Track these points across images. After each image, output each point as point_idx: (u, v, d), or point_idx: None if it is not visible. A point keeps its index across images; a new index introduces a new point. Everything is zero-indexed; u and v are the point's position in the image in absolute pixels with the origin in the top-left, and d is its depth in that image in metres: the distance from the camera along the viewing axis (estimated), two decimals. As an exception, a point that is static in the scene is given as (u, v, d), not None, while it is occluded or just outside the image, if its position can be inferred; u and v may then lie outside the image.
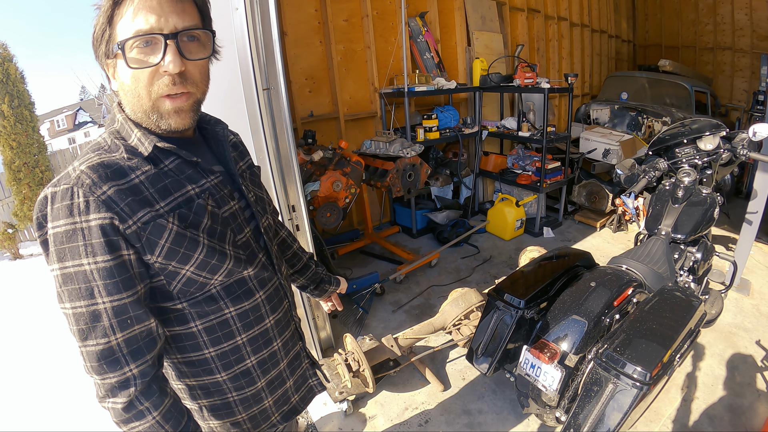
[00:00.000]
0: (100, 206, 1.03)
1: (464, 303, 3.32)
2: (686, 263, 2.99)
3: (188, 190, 1.18)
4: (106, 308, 1.06)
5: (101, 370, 1.08)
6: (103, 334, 1.07)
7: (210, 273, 1.22)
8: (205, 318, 1.26)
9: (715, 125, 3.05)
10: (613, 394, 1.85)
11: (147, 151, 1.12)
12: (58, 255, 1.04)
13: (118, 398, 1.09)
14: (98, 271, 1.05)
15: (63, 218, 1.02)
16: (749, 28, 9.57)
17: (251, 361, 1.38)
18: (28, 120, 8.68)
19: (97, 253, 1.04)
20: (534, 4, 8.00)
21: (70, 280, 1.05)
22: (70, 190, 1.03)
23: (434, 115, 5.67)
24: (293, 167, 2.97)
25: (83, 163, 1.07)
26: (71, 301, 1.06)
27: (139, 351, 1.11)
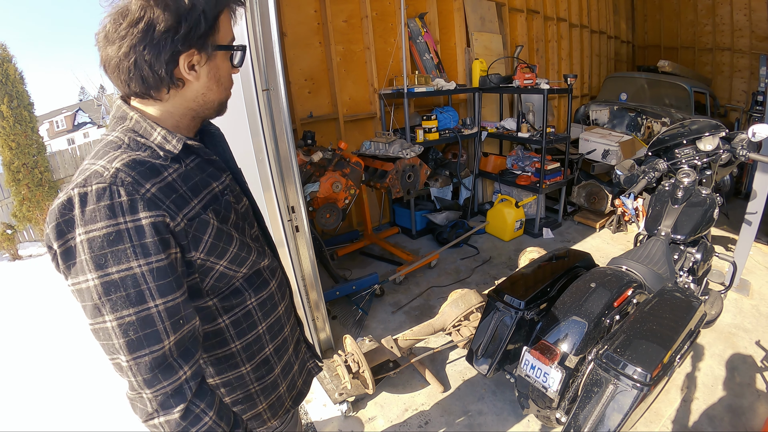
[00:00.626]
0: (147, 204, 1.00)
1: (464, 304, 3.32)
2: (686, 264, 2.99)
3: (214, 187, 1.21)
4: (159, 311, 1.02)
5: (155, 380, 1.02)
6: (157, 340, 1.02)
7: (238, 266, 1.26)
8: (231, 312, 1.28)
9: (715, 126, 3.05)
10: (613, 395, 1.85)
11: (176, 149, 1.12)
12: (95, 262, 0.96)
13: (172, 409, 1.05)
14: (151, 272, 1.00)
15: (102, 220, 0.96)
16: (748, 28, 9.57)
17: (269, 349, 1.42)
18: (27, 121, 8.68)
19: (151, 252, 1.00)
20: (533, 5, 8.00)
21: (114, 287, 0.98)
22: (108, 189, 0.97)
23: (434, 116, 5.68)
24: (293, 168, 2.96)
25: (114, 161, 1.01)
26: (116, 311, 0.99)
27: (188, 352, 1.09)
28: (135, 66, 1.04)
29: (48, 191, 8.95)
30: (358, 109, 5.89)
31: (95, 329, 1.01)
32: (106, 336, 1.00)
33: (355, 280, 4.32)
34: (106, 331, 1.00)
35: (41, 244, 9.04)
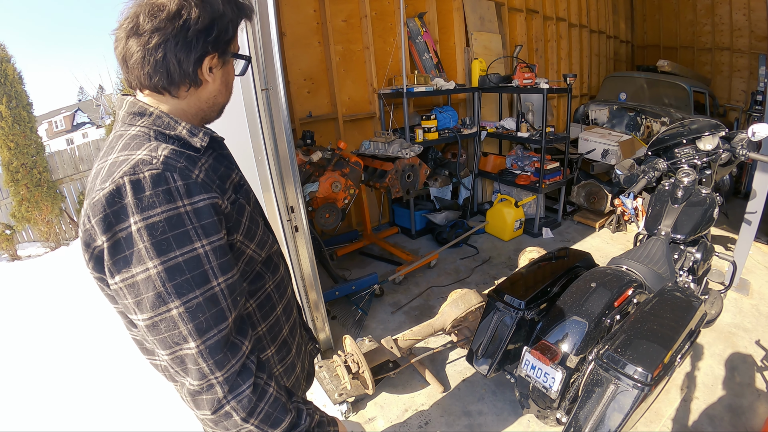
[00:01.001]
0: (201, 188, 1.03)
1: (464, 304, 3.31)
2: (686, 263, 2.99)
3: (233, 177, 1.26)
4: (222, 289, 1.05)
5: (225, 360, 1.04)
6: (223, 318, 1.04)
7: (260, 248, 1.29)
8: (255, 295, 1.31)
9: (715, 125, 3.05)
10: (614, 395, 1.85)
11: (204, 141, 1.16)
12: (157, 248, 0.96)
13: (243, 386, 1.06)
14: (213, 251, 1.03)
15: (162, 205, 0.97)
16: (747, 28, 9.57)
17: (286, 330, 1.46)
18: (26, 121, 8.65)
19: (211, 233, 1.03)
20: (532, 4, 8.00)
21: (179, 271, 0.98)
22: (163, 175, 0.98)
23: (433, 115, 5.67)
24: (292, 168, 2.96)
25: (158, 149, 1.02)
26: (182, 296, 0.99)
27: (243, 327, 1.12)
28: (163, 60, 1.07)
29: (47, 191, 8.92)
30: (358, 108, 5.88)
31: (155, 322, 1.00)
32: (170, 326, 1.00)
33: (355, 281, 4.31)
34: (171, 320, 0.99)
35: (40, 244, 9.03)
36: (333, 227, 4.23)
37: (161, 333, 1.00)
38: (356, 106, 5.86)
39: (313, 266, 3.32)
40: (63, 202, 9.10)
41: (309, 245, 3.22)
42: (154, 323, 1.00)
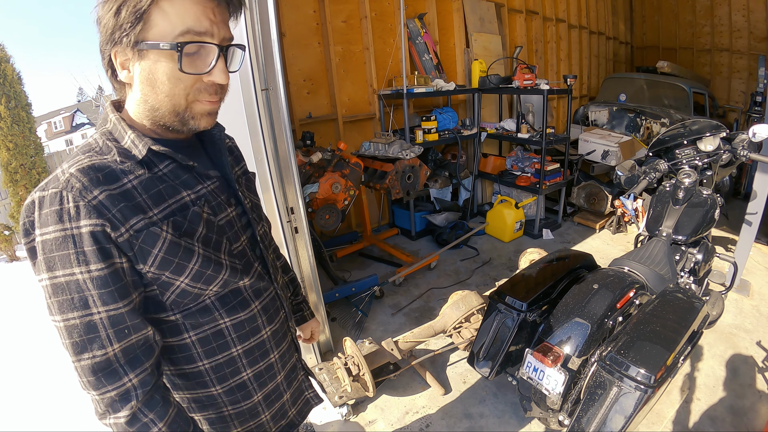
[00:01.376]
0: (91, 212, 0.97)
1: (465, 306, 3.30)
2: (687, 264, 2.98)
3: (183, 196, 1.13)
4: (101, 318, 1.01)
5: (99, 384, 1.03)
6: (100, 345, 1.01)
7: (205, 284, 1.17)
8: (198, 329, 1.21)
9: (715, 126, 3.05)
10: (617, 397, 1.84)
11: (141, 154, 1.06)
12: (47, 264, 0.98)
13: (120, 413, 1.04)
14: (92, 280, 0.99)
15: (52, 224, 0.96)
16: (746, 29, 9.58)
17: (247, 374, 1.33)
18: (25, 121, 8.66)
19: (90, 261, 0.98)
20: (532, 5, 8.00)
21: (61, 290, 0.99)
22: (59, 194, 0.97)
23: (433, 116, 5.68)
24: (292, 169, 2.95)
25: (72, 166, 1.00)
26: (62, 312, 1.00)
27: (137, 359, 1.06)
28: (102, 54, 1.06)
29: (45, 192, 8.93)
30: (357, 109, 5.88)
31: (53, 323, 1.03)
32: (58, 334, 1.03)
33: (355, 282, 4.30)
34: (59, 330, 1.03)
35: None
36: (333, 228, 4.22)
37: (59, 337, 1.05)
38: (356, 106, 5.85)
39: (313, 268, 3.31)
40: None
41: (309, 246, 3.21)
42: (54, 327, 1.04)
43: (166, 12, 0.97)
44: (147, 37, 0.98)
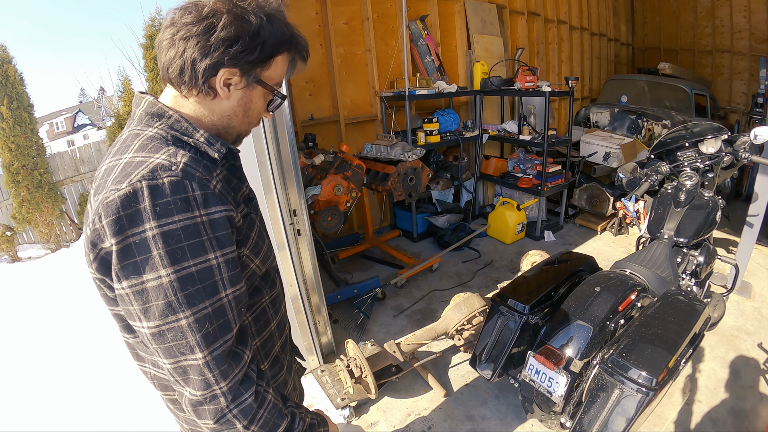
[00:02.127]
0: (218, 199, 1.03)
1: (467, 308, 3.31)
2: (689, 267, 2.98)
3: (244, 190, 1.25)
4: (229, 300, 1.05)
5: (229, 370, 1.04)
6: (228, 329, 1.05)
7: (262, 263, 1.29)
8: (251, 309, 1.29)
9: (717, 128, 3.05)
10: (618, 400, 1.84)
11: (222, 151, 1.14)
12: (172, 256, 0.95)
13: (245, 395, 1.07)
14: (226, 263, 1.03)
15: (179, 213, 0.96)
16: (747, 30, 9.59)
17: (278, 346, 1.45)
18: (27, 122, 8.65)
19: (225, 244, 1.03)
20: (534, 7, 8.01)
21: (191, 281, 0.98)
22: (182, 182, 0.97)
23: (435, 118, 5.67)
24: (294, 171, 2.96)
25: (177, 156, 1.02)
26: (192, 306, 0.98)
27: (244, 337, 1.12)
28: (182, 54, 1.06)
29: (47, 193, 8.92)
30: (359, 111, 5.88)
31: (161, 331, 0.98)
32: (178, 335, 0.99)
33: (357, 284, 4.31)
34: (180, 330, 0.98)
35: (40, 246, 9.03)
36: (335, 230, 4.23)
37: (167, 342, 0.99)
38: (358, 108, 5.86)
39: (315, 269, 3.31)
40: (63, 203, 9.09)
41: (311, 249, 3.22)
42: (161, 332, 0.98)
43: (278, 63, 1.17)
44: (263, 76, 1.15)
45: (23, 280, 7.25)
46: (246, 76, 1.11)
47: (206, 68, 1.06)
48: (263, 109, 1.23)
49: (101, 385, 3.71)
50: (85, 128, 36.50)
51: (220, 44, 1.04)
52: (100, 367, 3.98)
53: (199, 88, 1.09)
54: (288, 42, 1.14)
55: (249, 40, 1.06)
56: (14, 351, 4.61)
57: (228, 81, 1.10)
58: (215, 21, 1.04)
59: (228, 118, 1.17)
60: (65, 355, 4.31)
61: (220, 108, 1.15)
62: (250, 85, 1.14)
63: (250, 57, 1.08)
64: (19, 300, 6.21)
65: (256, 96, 1.17)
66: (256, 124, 1.27)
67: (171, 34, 1.06)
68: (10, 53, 8.54)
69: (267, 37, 1.08)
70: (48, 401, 3.64)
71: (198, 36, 1.04)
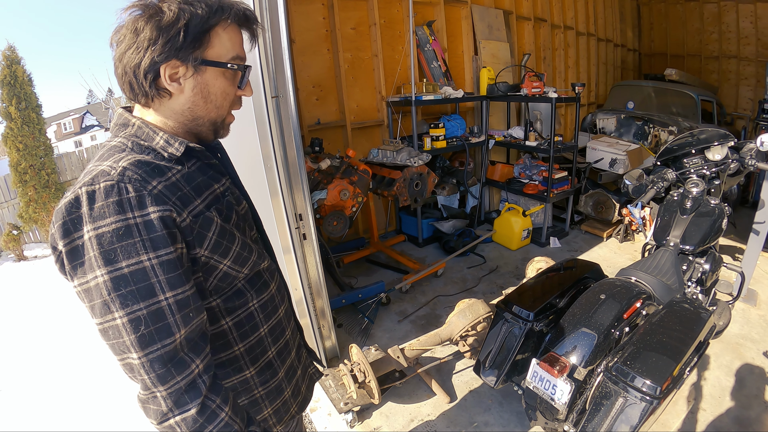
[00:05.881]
0: (155, 200, 1.02)
1: (471, 314, 3.31)
2: (694, 274, 2.97)
3: (215, 188, 1.23)
4: (169, 304, 1.03)
5: (168, 376, 1.03)
6: (168, 333, 1.03)
7: (240, 266, 1.26)
8: (233, 313, 1.29)
9: (723, 135, 3.05)
10: (622, 408, 1.84)
11: (179, 151, 1.15)
12: (105, 257, 0.97)
13: (189, 405, 1.05)
14: (161, 265, 1.02)
15: (111, 216, 0.97)
16: (754, 36, 9.56)
17: (272, 352, 1.42)
18: (35, 122, 8.73)
19: (159, 246, 1.02)
20: (540, 13, 8.00)
21: (124, 282, 0.98)
22: (116, 186, 0.99)
23: (441, 123, 5.68)
24: (301, 175, 2.97)
25: (120, 161, 1.04)
26: (126, 306, 0.99)
27: (198, 345, 1.10)
28: (125, 71, 1.10)
29: (54, 193, 8.99)
30: (366, 116, 5.90)
31: (104, 328, 1.01)
32: (116, 334, 1.01)
33: (361, 289, 4.31)
34: (116, 329, 1.00)
35: (46, 245, 9.08)
36: (340, 235, 4.23)
37: (110, 339, 1.02)
38: (364, 113, 5.88)
39: (320, 274, 3.32)
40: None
41: (317, 253, 3.23)
42: (104, 329, 1.02)
43: (221, 37, 1.14)
44: (207, 56, 1.13)
45: (29, 278, 7.30)
46: (187, 63, 1.11)
47: (146, 72, 1.08)
48: (230, 87, 1.21)
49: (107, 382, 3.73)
50: (92, 129, 36.69)
51: (146, 45, 1.06)
52: (105, 363, 4.00)
53: (151, 94, 1.12)
54: (217, 12, 1.12)
55: (168, 29, 1.06)
56: (19, 348, 4.64)
57: (174, 75, 1.11)
58: (136, 27, 1.06)
59: (190, 110, 1.18)
60: (70, 352, 4.33)
61: (179, 104, 1.16)
62: (198, 70, 1.13)
63: (176, 44, 1.07)
64: (24, 298, 6.24)
65: (210, 78, 1.16)
66: (233, 107, 1.27)
67: (114, 58, 1.10)
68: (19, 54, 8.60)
69: (188, 18, 1.07)
70: (54, 398, 3.66)
71: (129, 48, 1.07)
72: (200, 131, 1.23)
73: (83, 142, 33.99)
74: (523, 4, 7.60)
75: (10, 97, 8.40)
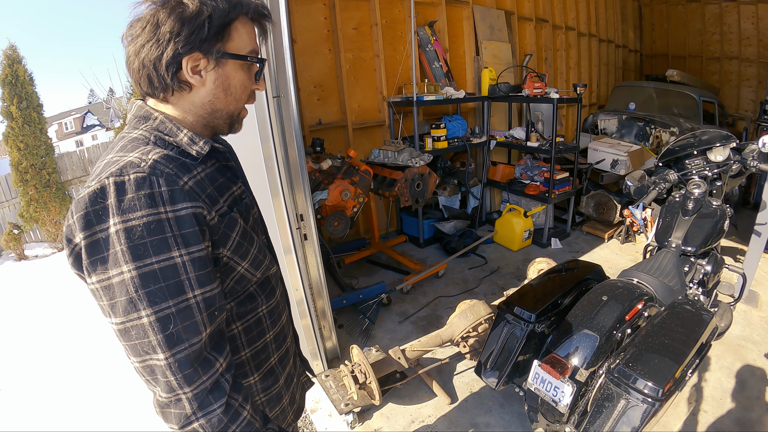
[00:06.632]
0: (187, 195, 1.01)
1: (473, 315, 3.30)
2: (696, 276, 2.97)
3: (234, 190, 1.23)
4: (197, 301, 1.01)
5: (195, 376, 1.01)
6: (196, 332, 1.01)
7: (255, 269, 1.26)
8: (244, 318, 1.28)
9: (725, 136, 3.04)
10: (624, 410, 1.84)
11: (204, 150, 1.14)
12: (134, 252, 0.94)
13: (213, 406, 1.03)
14: (192, 261, 1.00)
15: (143, 209, 0.94)
16: (755, 37, 9.56)
17: (275, 359, 1.41)
18: (36, 122, 8.71)
19: (191, 242, 1.00)
20: (542, 13, 8.00)
21: (153, 279, 0.96)
22: (148, 179, 0.96)
23: (442, 124, 5.68)
24: (302, 175, 2.96)
25: (149, 154, 1.02)
26: (155, 304, 0.96)
27: (219, 343, 1.09)
28: (143, 65, 1.08)
29: (55, 192, 8.99)
30: (367, 116, 5.90)
31: (126, 328, 0.98)
32: (140, 334, 0.97)
33: (362, 289, 4.31)
34: (142, 328, 0.97)
35: (47, 244, 9.08)
36: (341, 235, 4.23)
37: (132, 339, 0.99)
38: (366, 113, 5.88)
39: (321, 274, 3.32)
40: (71, 203, 9.16)
41: (318, 253, 3.22)
42: (126, 329, 0.98)
43: (240, 31, 1.14)
44: (228, 49, 1.13)
45: (29, 278, 7.30)
46: (210, 56, 1.10)
47: (168, 65, 1.07)
48: (248, 81, 1.21)
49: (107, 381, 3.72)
50: (93, 129, 36.69)
51: (168, 38, 1.05)
52: (104, 364, 4.00)
53: (172, 88, 1.11)
54: (237, 6, 1.12)
55: (192, 21, 1.05)
56: (19, 347, 4.64)
57: (196, 68, 1.10)
58: (157, 20, 1.04)
59: (210, 103, 1.17)
60: (71, 351, 4.33)
61: (200, 97, 1.15)
62: (219, 63, 1.13)
63: (202, 36, 1.07)
64: (25, 297, 6.24)
65: (231, 71, 1.16)
66: (248, 100, 1.26)
67: (129, 52, 1.09)
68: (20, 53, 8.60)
69: (211, 10, 1.07)
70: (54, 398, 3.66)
71: (148, 41, 1.05)
72: (217, 124, 1.22)
73: (84, 142, 33.98)
74: (524, 5, 7.61)
75: (11, 96, 8.39)
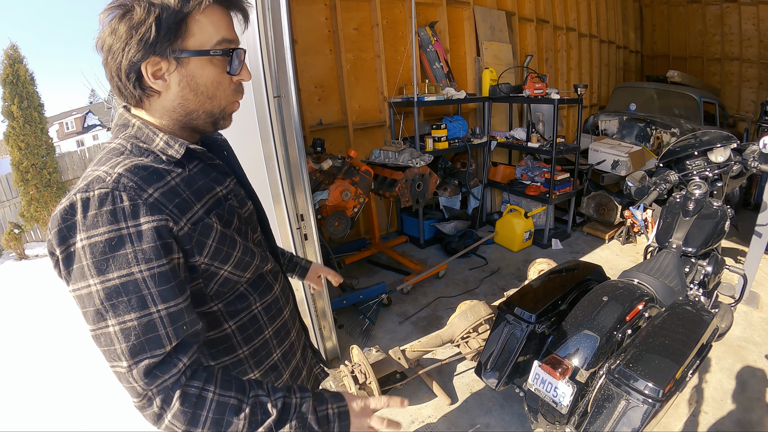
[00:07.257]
0: (150, 209, 1.00)
1: (473, 316, 3.30)
2: (697, 277, 2.96)
3: (217, 191, 1.20)
4: (161, 316, 1.00)
5: (155, 379, 1.00)
6: (158, 345, 1.00)
7: (242, 270, 1.24)
8: (236, 317, 1.27)
9: (726, 137, 3.04)
10: (624, 411, 1.83)
11: (179, 153, 1.12)
12: (97, 267, 0.95)
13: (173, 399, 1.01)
14: (152, 277, 0.99)
15: (104, 225, 0.95)
16: (756, 38, 9.56)
17: (277, 354, 1.41)
18: (37, 121, 8.73)
19: (152, 258, 0.99)
20: (543, 14, 8.01)
21: (115, 293, 0.96)
22: (110, 194, 0.97)
23: (443, 125, 5.68)
24: (302, 176, 2.96)
25: (117, 167, 1.01)
26: (118, 316, 0.97)
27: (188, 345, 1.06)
28: (111, 76, 1.08)
29: (56, 192, 9.00)
30: (368, 117, 5.90)
31: (97, 335, 1.00)
32: (108, 341, 0.99)
33: (363, 290, 4.31)
34: (108, 336, 0.98)
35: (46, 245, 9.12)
36: (342, 235, 4.23)
37: (102, 346, 1.00)
38: (366, 114, 5.88)
39: (322, 274, 3.31)
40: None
41: (318, 254, 3.22)
42: (97, 335, 1.00)
43: (201, 23, 1.07)
44: (188, 46, 1.07)
45: (30, 277, 7.30)
46: (168, 57, 1.06)
47: (128, 74, 1.06)
48: (219, 76, 1.14)
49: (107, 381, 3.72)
50: (94, 129, 36.66)
51: (121, 47, 1.03)
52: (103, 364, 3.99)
53: (138, 95, 1.09)
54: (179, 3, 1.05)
55: (140, 25, 1.01)
56: (20, 347, 4.63)
57: (157, 72, 1.07)
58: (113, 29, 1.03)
59: (181, 105, 1.13)
60: (71, 351, 4.33)
61: (169, 101, 1.12)
62: (181, 63, 1.08)
63: (151, 38, 1.02)
64: (25, 297, 6.25)
65: (195, 69, 1.10)
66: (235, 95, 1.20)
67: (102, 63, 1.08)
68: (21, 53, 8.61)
69: (159, 10, 1.02)
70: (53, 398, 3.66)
71: (109, 52, 1.04)
72: (197, 125, 1.19)
73: (85, 142, 34.00)
74: (525, 6, 7.61)
75: (12, 96, 8.41)
